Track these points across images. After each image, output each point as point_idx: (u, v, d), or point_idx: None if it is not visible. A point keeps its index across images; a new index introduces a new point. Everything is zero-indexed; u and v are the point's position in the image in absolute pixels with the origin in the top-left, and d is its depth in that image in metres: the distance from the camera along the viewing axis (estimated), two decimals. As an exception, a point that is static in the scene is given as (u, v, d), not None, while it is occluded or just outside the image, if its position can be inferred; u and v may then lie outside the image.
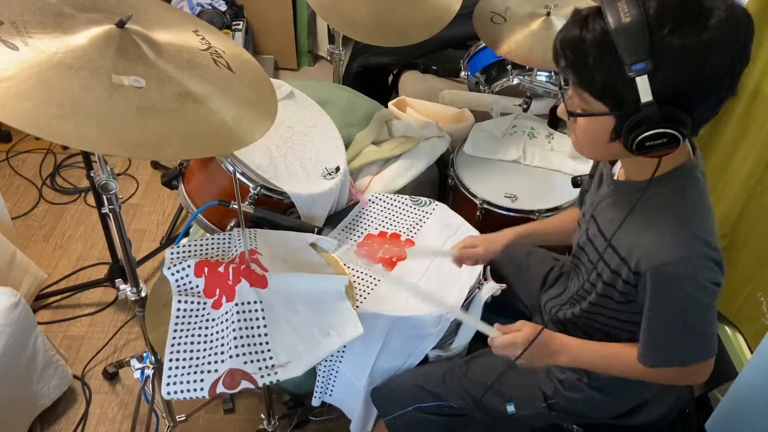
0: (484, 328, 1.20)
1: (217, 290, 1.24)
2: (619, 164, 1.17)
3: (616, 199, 1.12)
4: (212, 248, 1.38)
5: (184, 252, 1.35)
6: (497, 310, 1.54)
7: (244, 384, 1.13)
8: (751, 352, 1.67)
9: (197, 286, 1.26)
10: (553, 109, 2.01)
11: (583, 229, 1.21)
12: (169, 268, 1.27)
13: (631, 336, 1.17)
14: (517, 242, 1.44)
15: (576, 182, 1.54)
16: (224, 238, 1.41)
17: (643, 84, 0.90)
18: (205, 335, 1.20)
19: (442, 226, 1.63)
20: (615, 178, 1.16)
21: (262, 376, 1.13)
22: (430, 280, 1.49)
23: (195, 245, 1.38)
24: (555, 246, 1.70)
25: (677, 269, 1.00)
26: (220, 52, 1.19)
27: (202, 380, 1.13)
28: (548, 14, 1.85)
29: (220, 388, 1.12)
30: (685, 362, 1.08)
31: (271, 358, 1.16)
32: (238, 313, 1.19)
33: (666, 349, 1.07)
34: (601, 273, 1.13)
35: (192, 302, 1.24)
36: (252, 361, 1.14)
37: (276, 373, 1.14)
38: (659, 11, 0.88)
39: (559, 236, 1.45)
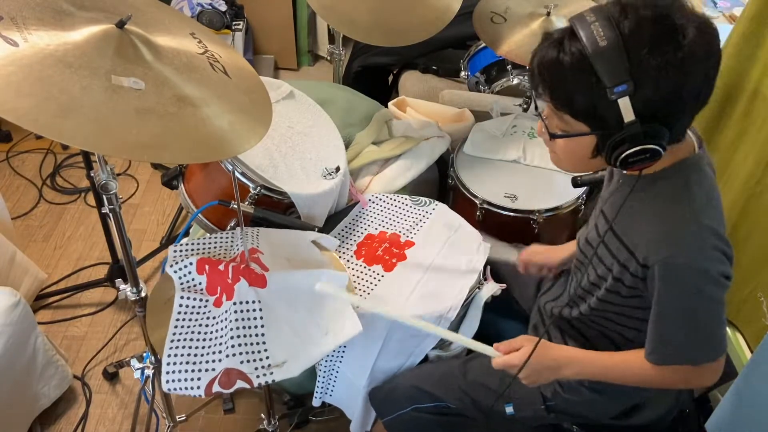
0: (483, 348, 1.20)
1: (218, 288, 1.24)
2: None
3: (623, 193, 1.13)
4: (215, 247, 1.38)
5: (187, 250, 1.35)
6: (497, 310, 1.54)
7: (240, 384, 1.13)
8: (751, 352, 1.67)
9: (200, 284, 1.27)
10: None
11: (592, 225, 1.22)
12: (171, 266, 1.27)
13: (638, 334, 1.17)
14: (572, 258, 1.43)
15: (576, 182, 1.54)
16: (227, 237, 1.41)
17: (625, 105, 0.92)
18: (205, 333, 1.20)
19: (442, 226, 1.63)
20: (624, 172, 1.16)
21: (257, 376, 1.14)
22: (430, 280, 1.49)
23: (198, 243, 1.38)
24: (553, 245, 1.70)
25: (686, 260, 1.00)
26: (217, 57, 1.19)
27: (199, 378, 1.14)
28: (548, 14, 1.85)
29: (216, 388, 1.12)
30: (694, 360, 1.07)
31: (267, 358, 1.16)
32: (236, 312, 1.19)
33: (675, 345, 1.07)
34: (610, 267, 1.13)
35: (195, 299, 1.24)
36: (248, 361, 1.15)
37: (272, 373, 1.15)
38: (634, 32, 0.91)
39: None
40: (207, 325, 1.21)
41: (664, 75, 0.90)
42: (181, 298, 1.23)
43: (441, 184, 2.06)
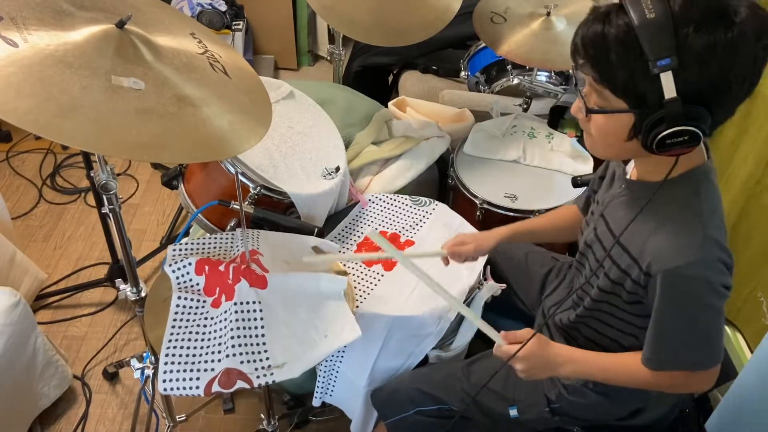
0: (491, 333, 1.20)
1: (217, 289, 1.24)
2: (632, 163, 1.16)
3: (628, 199, 1.12)
4: (214, 247, 1.38)
5: (186, 249, 1.35)
6: (498, 310, 1.54)
7: (240, 384, 1.13)
8: (751, 352, 1.67)
9: (197, 284, 1.27)
10: (554, 109, 2.01)
11: (591, 228, 1.21)
12: (170, 265, 1.27)
13: (636, 341, 1.17)
14: (510, 240, 1.42)
15: (576, 182, 1.54)
16: (226, 238, 1.41)
17: (667, 80, 0.89)
18: (203, 333, 1.20)
19: (442, 226, 1.63)
20: (628, 177, 1.15)
21: (258, 377, 1.13)
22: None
23: (198, 243, 1.38)
24: (554, 245, 1.70)
25: (690, 272, 0.99)
26: (217, 57, 1.19)
27: (198, 378, 1.13)
28: (548, 14, 1.85)
29: (216, 388, 1.12)
30: (690, 367, 1.07)
31: (267, 358, 1.16)
32: (236, 312, 1.19)
33: (673, 352, 1.07)
34: (608, 272, 1.12)
35: (191, 299, 1.24)
36: (248, 361, 1.14)
37: (272, 373, 1.14)
38: (684, 8, 0.88)
39: (553, 232, 1.44)
40: (205, 326, 1.21)
41: (711, 54, 0.88)
42: (178, 298, 1.23)
43: (441, 184, 2.06)
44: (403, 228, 1.63)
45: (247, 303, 1.20)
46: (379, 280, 1.50)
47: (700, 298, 1.01)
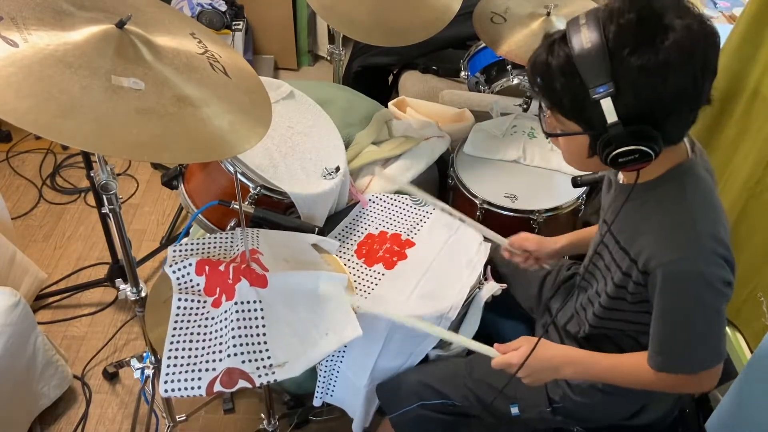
0: (484, 349, 1.20)
1: (217, 289, 1.24)
2: None
3: (622, 202, 1.13)
4: (215, 247, 1.38)
5: (186, 250, 1.35)
6: (497, 310, 1.54)
7: (242, 383, 1.13)
8: (751, 352, 1.67)
9: (198, 285, 1.27)
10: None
11: (599, 235, 1.23)
12: (170, 266, 1.27)
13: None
14: (570, 249, 1.42)
15: (576, 182, 1.54)
16: (226, 238, 1.41)
17: (607, 105, 0.93)
18: (204, 333, 1.20)
19: (443, 227, 1.63)
20: (620, 182, 1.17)
21: (259, 376, 1.13)
22: (430, 280, 1.49)
23: (198, 243, 1.38)
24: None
25: (683, 266, 1.00)
26: (217, 57, 1.19)
27: (199, 378, 1.13)
28: (548, 14, 1.85)
29: (218, 387, 1.12)
30: (692, 368, 1.08)
31: (269, 357, 1.16)
32: (237, 312, 1.19)
33: (674, 352, 1.07)
34: (613, 275, 1.14)
35: (192, 300, 1.24)
36: (250, 361, 1.14)
37: (274, 372, 1.14)
38: (618, 34, 0.92)
39: None
40: (206, 326, 1.21)
41: (643, 77, 0.91)
42: (179, 299, 1.23)
43: (441, 184, 2.06)
44: (404, 228, 1.63)
45: (248, 302, 1.20)
46: (379, 280, 1.50)
47: (697, 293, 1.01)
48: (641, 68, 0.91)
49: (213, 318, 1.22)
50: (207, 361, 1.16)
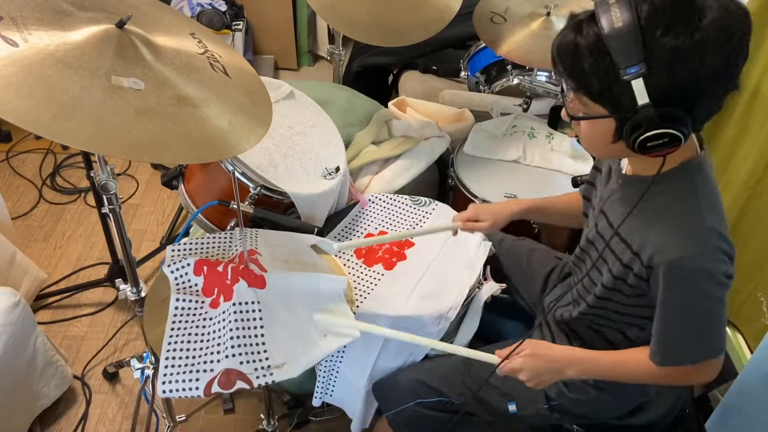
0: (484, 357, 1.20)
1: (216, 289, 1.24)
2: (626, 159, 1.17)
3: (625, 194, 1.13)
4: (213, 247, 1.38)
5: (185, 250, 1.35)
6: (498, 310, 1.54)
7: (240, 384, 1.12)
8: (751, 352, 1.67)
9: (196, 285, 1.26)
10: (554, 108, 2.01)
11: (592, 224, 1.22)
12: (168, 266, 1.27)
13: (641, 332, 1.18)
14: (523, 217, 1.42)
15: (576, 182, 1.54)
16: (225, 238, 1.41)
17: (638, 86, 0.91)
18: (202, 334, 1.20)
19: (442, 226, 1.63)
20: (624, 172, 1.16)
21: (257, 377, 1.13)
22: (430, 280, 1.49)
23: (196, 243, 1.38)
24: (556, 245, 1.70)
25: (691, 263, 1.00)
26: (217, 57, 1.19)
27: (197, 379, 1.13)
28: (548, 14, 1.85)
29: (216, 388, 1.12)
30: (696, 360, 1.08)
31: (267, 359, 1.16)
32: (235, 312, 1.18)
33: (678, 346, 1.07)
34: (611, 267, 1.13)
35: (190, 300, 1.24)
36: (248, 362, 1.14)
37: (272, 374, 1.14)
38: (651, 13, 0.89)
39: (563, 217, 1.44)
40: (204, 327, 1.21)
41: (678, 58, 0.89)
42: (177, 300, 1.23)
43: (441, 184, 2.06)
44: (403, 228, 1.63)
45: (246, 303, 1.20)
46: (379, 281, 1.50)
47: (703, 289, 1.01)
48: (675, 49, 0.88)
49: (211, 319, 1.22)
50: (205, 362, 1.16)
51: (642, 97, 0.91)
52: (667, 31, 0.88)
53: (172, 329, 1.20)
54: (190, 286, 1.26)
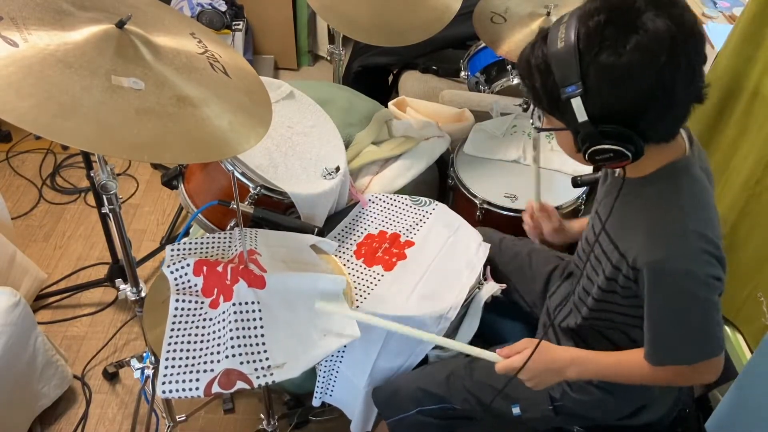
0: (485, 354, 1.20)
1: (215, 290, 1.24)
2: None
3: (613, 196, 1.13)
4: (213, 247, 1.38)
5: (184, 250, 1.35)
6: (498, 311, 1.54)
7: (240, 384, 1.12)
8: (751, 352, 1.67)
9: (195, 285, 1.26)
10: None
11: (590, 226, 1.23)
12: (168, 266, 1.27)
13: (642, 333, 1.18)
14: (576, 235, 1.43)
15: (576, 182, 1.54)
16: (225, 238, 1.41)
17: (577, 105, 0.95)
18: (202, 335, 1.20)
19: (442, 227, 1.63)
20: (615, 174, 1.17)
21: (257, 377, 1.13)
22: (429, 280, 1.49)
23: (196, 243, 1.38)
24: (557, 245, 1.70)
25: (672, 265, 1.01)
26: (217, 56, 1.19)
27: (197, 380, 1.13)
28: (548, 14, 1.85)
29: (216, 388, 1.12)
30: (689, 360, 1.08)
31: (267, 359, 1.16)
32: (235, 313, 1.18)
33: (668, 346, 1.07)
34: (604, 268, 1.14)
35: (190, 301, 1.24)
36: (248, 362, 1.14)
37: (272, 374, 1.14)
38: (588, 36, 0.93)
39: None
40: (204, 327, 1.21)
41: (608, 78, 0.93)
42: (177, 300, 1.23)
43: (441, 184, 2.06)
44: (403, 228, 1.63)
45: (246, 303, 1.20)
46: (379, 281, 1.50)
47: (686, 290, 1.02)
48: (605, 69, 0.92)
49: (211, 319, 1.22)
50: (205, 362, 1.16)
51: (581, 115, 0.95)
52: (600, 52, 0.92)
53: (172, 330, 1.20)
54: (190, 287, 1.26)
